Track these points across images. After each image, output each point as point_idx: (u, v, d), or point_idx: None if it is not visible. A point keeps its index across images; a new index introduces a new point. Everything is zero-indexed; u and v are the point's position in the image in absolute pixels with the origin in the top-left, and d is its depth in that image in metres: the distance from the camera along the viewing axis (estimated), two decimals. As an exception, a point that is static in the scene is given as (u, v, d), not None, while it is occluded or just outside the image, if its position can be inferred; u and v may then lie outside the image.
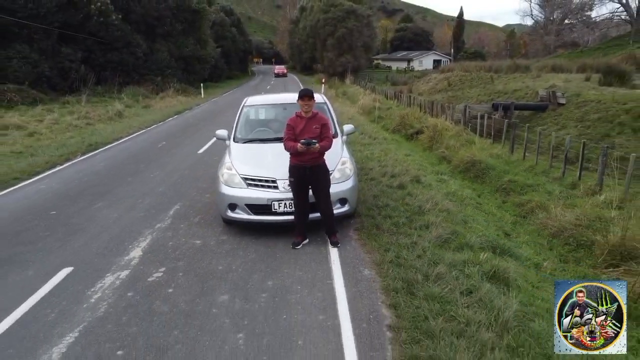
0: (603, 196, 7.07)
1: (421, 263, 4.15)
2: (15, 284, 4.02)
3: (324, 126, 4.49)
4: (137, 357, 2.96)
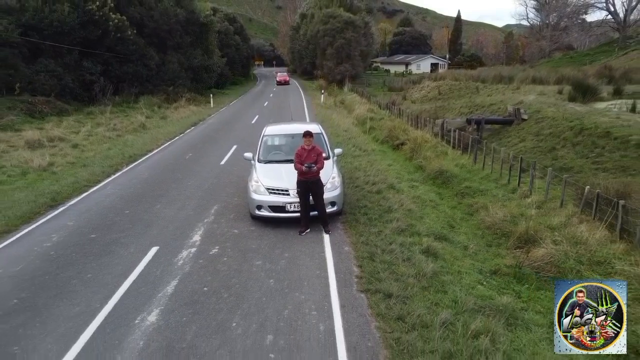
0: (530, 199, 9.43)
1: (381, 243, 6.54)
2: (125, 256, 6.39)
3: (319, 155, 6.87)
4: (215, 292, 5.33)
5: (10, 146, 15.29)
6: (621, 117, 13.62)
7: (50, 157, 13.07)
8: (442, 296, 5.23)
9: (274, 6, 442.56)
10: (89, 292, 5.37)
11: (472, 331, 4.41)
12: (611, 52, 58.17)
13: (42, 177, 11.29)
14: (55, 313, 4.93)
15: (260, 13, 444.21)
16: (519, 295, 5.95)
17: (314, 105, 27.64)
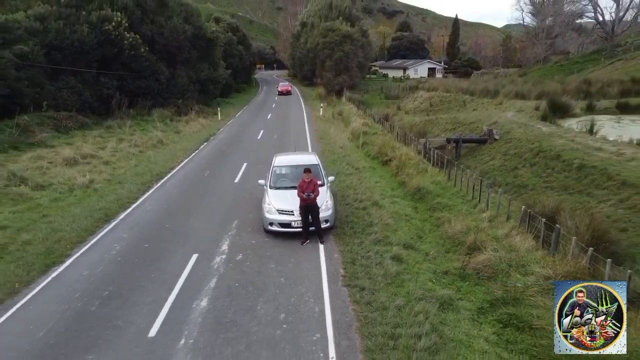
0: (486, 214, 11.77)
1: (361, 251, 8.91)
2: (175, 261, 8.76)
3: (315, 185, 9.23)
4: (244, 287, 7.69)
5: (49, 162, 17.65)
6: (575, 140, 15.97)
7: (89, 175, 15.43)
8: (400, 289, 7.60)
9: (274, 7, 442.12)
10: (156, 286, 7.74)
11: (414, 312, 6.77)
12: (599, 60, 60.47)
13: (87, 194, 13.66)
14: (137, 300, 7.30)
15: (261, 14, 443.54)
16: (459, 289, 8.29)
17: (313, 118, 30.00)
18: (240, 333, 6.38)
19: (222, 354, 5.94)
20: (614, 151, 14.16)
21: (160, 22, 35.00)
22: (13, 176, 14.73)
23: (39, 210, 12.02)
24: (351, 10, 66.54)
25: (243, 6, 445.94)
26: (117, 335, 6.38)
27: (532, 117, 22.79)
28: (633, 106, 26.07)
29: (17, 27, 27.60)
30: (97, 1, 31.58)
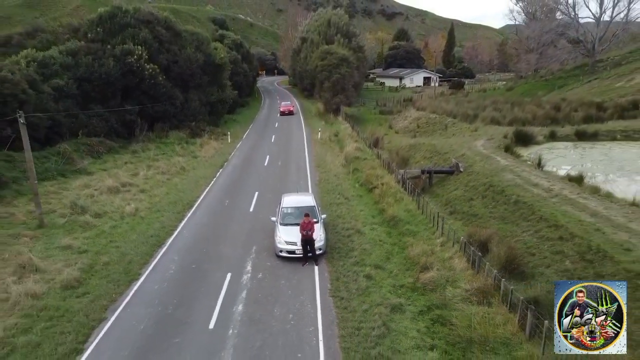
0: (440, 239, 15.75)
1: (343, 271, 12.94)
2: (217, 278, 12.76)
3: (312, 225, 13.24)
4: (265, 297, 11.69)
5: (95, 190, 21.68)
6: (521, 175, 19.89)
7: (133, 203, 19.44)
8: (367, 298, 11.61)
9: (275, 9, 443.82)
10: (207, 297, 11.75)
11: (373, 313, 10.79)
12: (578, 76, 64.43)
13: (136, 221, 17.66)
14: (196, 306, 11.31)
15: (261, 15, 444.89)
16: (408, 298, 12.29)
17: (312, 142, 34.00)
18: (265, 327, 10.40)
19: (255, 339, 9.95)
20: (546, 187, 18.12)
21: (174, 51, 38.95)
22: (75, 206, 18.75)
23: (105, 236, 16.03)
24: (348, 27, 70.74)
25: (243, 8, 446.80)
26: (189, 328, 10.41)
27: (499, 146, 26.75)
28: (589, 134, 30.04)
29: (53, 63, 31.64)
30: (120, 36, 35.59)
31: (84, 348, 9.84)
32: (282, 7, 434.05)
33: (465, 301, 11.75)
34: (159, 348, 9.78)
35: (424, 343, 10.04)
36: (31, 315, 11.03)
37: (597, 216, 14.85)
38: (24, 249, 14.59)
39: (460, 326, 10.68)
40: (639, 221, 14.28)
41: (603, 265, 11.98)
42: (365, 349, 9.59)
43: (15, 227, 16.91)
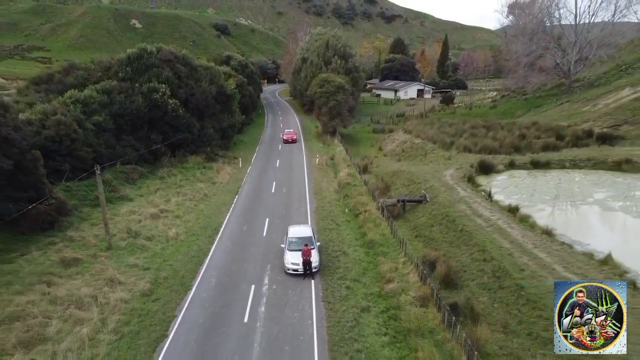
0: (403, 259, 21.66)
1: (331, 283, 18.93)
2: (244, 289, 18.70)
3: (310, 251, 19.20)
4: (279, 301, 17.65)
5: (139, 215, 27.60)
6: (472, 207, 25.70)
7: (174, 228, 25.37)
8: (346, 302, 17.58)
9: (275, 12, 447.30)
10: (239, 301, 17.71)
11: (349, 312, 16.76)
12: (558, 96, 70.34)
13: (179, 244, 23.60)
14: (233, 307, 17.26)
15: (262, 18, 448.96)
16: (375, 302, 18.22)
17: (312, 167, 39.95)
18: (279, 321, 16.37)
19: (273, 329, 15.95)
20: (487, 217, 24.01)
21: (191, 85, 44.91)
22: (130, 231, 24.72)
23: (158, 256, 21.98)
24: (345, 48, 76.72)
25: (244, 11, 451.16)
26: (231, 321, 16.38)
27: (464, 176, 32.65)
28: (542, 163, 36.01)
29: (93, 102, 37.57)
30: (146, 75, 41.55)
31: (167, 334, 15.80)
32: (282, 10, 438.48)
33: (411, 304, 17.69)
34: (214, 333, 15.74)
35: (380, 331, 15.99)
36: (126, 313, 17.00)
37: (513, 243, 20.81)
38: (104, 266, 20.56)
39: (405, 320, 16.64)
40: (541, 247, 20.22)
41: (504, 280, 17.93)
42: (342, 334, 15.57)
43: (89, 248, 22.87)
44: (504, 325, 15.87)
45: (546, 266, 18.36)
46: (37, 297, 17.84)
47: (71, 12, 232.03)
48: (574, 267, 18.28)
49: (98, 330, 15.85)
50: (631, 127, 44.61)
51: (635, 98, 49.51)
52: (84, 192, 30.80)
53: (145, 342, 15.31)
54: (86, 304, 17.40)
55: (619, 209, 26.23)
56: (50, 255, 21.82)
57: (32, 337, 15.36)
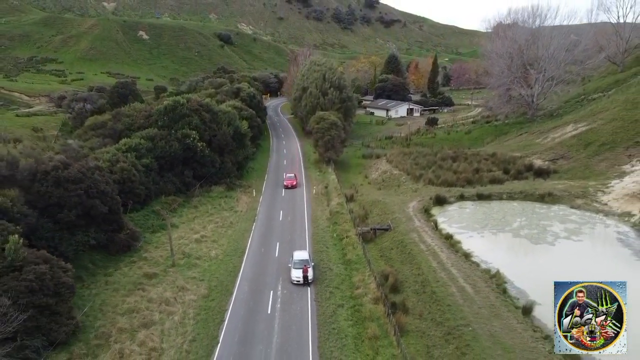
0: (368, 273, 32.99)
1: (320, 290, 30.37)
2: (267, 294, 30.06)
3: (308, 269, 30.58)
4: (288, 299, 29.04)
5: (186, 240, 38.97)
6: (421, 236, 36.91)
7: (213, 250, 36.69)
8: (329, 301, 29.00)
9: (276, 17, 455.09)
10: (265, 300, 29.12)
11: (330, 307, 28.18)
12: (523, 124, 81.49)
13: (219, 262, 34.96)
14: (261, 303, 28.66)
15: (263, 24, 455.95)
16: (347, 301, 29.57)
17: (310, 197, 51.33)
18: (289, 313, 27.85)
19: (285, 317, 27.40)
20: (428, 244, 35.23)
21: (214, 128, 56.34)
22: (185, 252, 36.12)
23: (207, 272, 33.33)
24: (340, 80, 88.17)
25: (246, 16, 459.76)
26: (260, 313, 27.85)
27: (422, 207, 43.96)
28: (485, 195, 47.35)
29: (141, 147, 48.93)
30: (180, 123, 52.98)
31: (223, 320, 27.18)
32: (283, 15, 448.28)
33: (368, 302, 29.01)
34: (251, 319, 27.16)
35: (348, 318, 27.34)
36: (196, 308, 28.38)
37: (439, 263, 32.13)
38: (174, 278, 31.91)
39: (363, 312, 27.99)
40: (456, 266, 31.51)
41: (426, 288, 29.22)
42: (325, 320, 27.03)
43: (160, 265, 34.23)
44: (420, 315, 27.22)
45: (453, 279, 29.72)
46: (138, 299, 29.23)
47: (81, 24, 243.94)
48: (471, 279, 29.63)
49: (183, 317, 27.27)
50: (565, 161, 55.97)
51: (573, 135, 60.82)
52: (142, 221, 42.22)
53: (212, 324, 26.71)
54: (171, 302, 28.82)
55: (524, 236, 37.56)
56: (136, 270, 33.22)
57: (147, 322, 26.76)
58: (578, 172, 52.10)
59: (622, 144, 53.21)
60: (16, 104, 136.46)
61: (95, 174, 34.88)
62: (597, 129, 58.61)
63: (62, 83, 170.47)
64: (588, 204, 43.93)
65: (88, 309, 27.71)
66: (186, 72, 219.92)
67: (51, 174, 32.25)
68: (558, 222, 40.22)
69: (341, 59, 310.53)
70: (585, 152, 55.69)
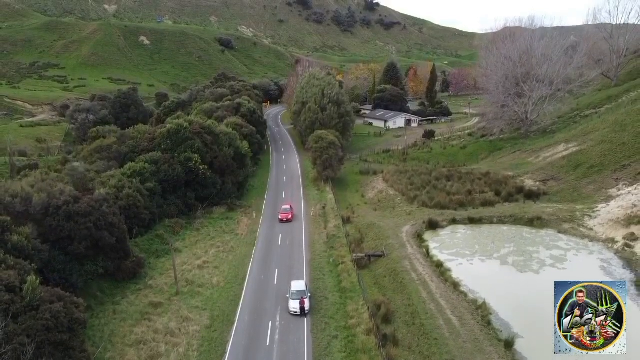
0: (362, 302, 34.88)
1: (316, 320, 32.25)
2: (265, 323, 31.98)
3: (304, 300, 32.49)
4: (287, 325, 30.97)
5: (189, 266, 40.85)
6: (412, 263, 38.77)
7: (215, 277, 38.56)
8: (324, 332, 30.87)
9: (276, 20, 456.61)
10: (263, 332, 31.02)
11: (325, 338, 30.08)
12: (516, 140, 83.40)
13: (221, 289, 36.85)
14: (261, 333, 30.56)
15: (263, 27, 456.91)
16: (341, 332, 31.48)
17: (308, 218, 53.20)
18: (287, 343, 29.74)
19: (283, 348, 29.31)
20: (419, 272, 37.09)
21: (215, 149, 58.22)
22: (188, 279, 38.00)
23: (209, 300, 35.21)
24: (338, 96, 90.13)
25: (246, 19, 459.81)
26: (259, 342, 29.73)
27: (415, 232, 45.85)
28: (477, 219, 49.23)
29: (145, 171, 50.81)
30: (183, 147, 54.86)
31: (226, 351, 29.07)
32: (283, 18, 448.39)
33: (362, 334, 30.86)
34: (251, 350, 29.04)
35: (341, 350, 29.20)
36: (200, 339, 30.26)
37: (429, 293, 33.99)
38: (178, 307, 33.80)
39: (356, 343, 29.86)
40: (444, 297, 33.38)
41: (416, 319, 31.07)
42: (320, 352, 28.87)
43: (164, 293, 36.13)
44: (409, 347, 29.11)
45: (442, 311, 31.61)
46: (145, 329, 31.14)
47: (83, 29, 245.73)
48: (458, 311, 31.52)
49: (187, 349, 29.18)
50: (555, 183, 57.90)
51: (564, 156, 62.75)
52: (147, 246, 44.12)
53: (215, 356, 28.63)
54: (176, 333, 30.72)
55: (511, 264, 39.45)
56: (142, 299, 35.12)
57: (154, 354, 28.66)
58: (567, 195, 54.00)
59: (610, 167, 55.09)
60: (20, 113, 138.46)
61: (104, 206, 36.76)
62: (586, 150, 60.51)
63: (64, 90, 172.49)
64: (575, 229, 45.87)
65: (98, 339, 29.58)
66: (187, 78, 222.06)
67: (62, 208, 34.15)
68: (544, 249, 42.14)
69: (341, 62, 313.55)
70: (574, 174, 57.60)
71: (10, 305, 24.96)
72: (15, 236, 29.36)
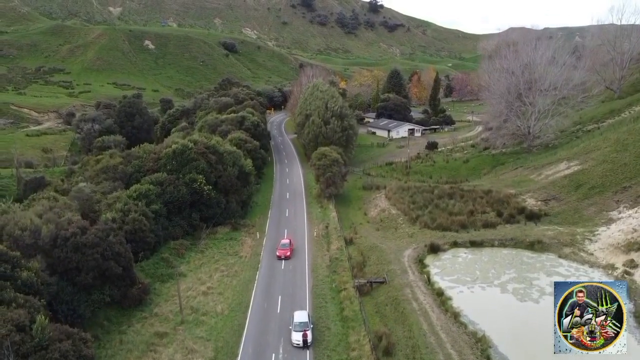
0: (363, 327, 35.48)
1: (318, 352, 32.85)
2: (267, 357, 32.64)
3: (307, 332, 33.12)
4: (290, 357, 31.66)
5: (194, 292, 41.55)
6: (413, 290, 39.30)
7: (220, 305, 39.22)
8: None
9: (280, 22, 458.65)
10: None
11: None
12: (518, 154, 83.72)
13: (225, 317, 37.48)
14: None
15: (267, 29, 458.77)
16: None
17: (311, 240, 53.81)
18: None
19: None
20: (420, 301, 37.62)
21: (219, 169, 58.91)
22: (192, 307, 38.69)
23: (213, 330, 35.85)
24: (341, 109, 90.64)
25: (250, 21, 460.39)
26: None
27: (417, 256, 46.38)
28: (478, 242, 49.71)
29: (151, 193, 51.50)
30: (187, 167, 55.58)
31: (229, 386, 29.75)
32: (287, 20, 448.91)
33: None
34: (254, 387, 29.76)
35: (343, 385, 29.88)
36: (204, 373, 30.96)
37: (429, 325, 34.52)
38: (183, 337, 34.48)
39: None
40: (445, 329, 33.91)
41: (416, 353, 31.62)
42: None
43: (170, 322, 36.84)
44: (409, 383, 29.68)
45: (442, 345, 32.16)
46: (151, 361, 31.83)
47: (88, 34, 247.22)
48: (457, 345, 32.06)
49: (192, 384, 29.85)
50: (556, 203, 58.23)
51: (565, 175, 63.06)
52: (152, 270, 44.83)
53: (219, 392, 29.30)
54: (181, 366, 31.40)
55: (511, 292, 39.91)
56: (148, 328, 35.84)
57: (160, 388, 29.34)
58: (568, 217, 54.32)
59: (611, 189, 55.36)
60: (26, 120, 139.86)
61: (110, 235, 37.51)
62: (588, 170, 60.80)
63: (70, 96, 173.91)
64: (575, 254, 46.28)
65: (105, 373, 30.30)
66: (191, 82, 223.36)
67: (70, 240, 34.91)
68: (545, 275, 42.58)
69: (345, 64, 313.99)
70: (575, 194, 57.90)
71: (21, 345, 25.72)
72: (25, 272, 30.10)
